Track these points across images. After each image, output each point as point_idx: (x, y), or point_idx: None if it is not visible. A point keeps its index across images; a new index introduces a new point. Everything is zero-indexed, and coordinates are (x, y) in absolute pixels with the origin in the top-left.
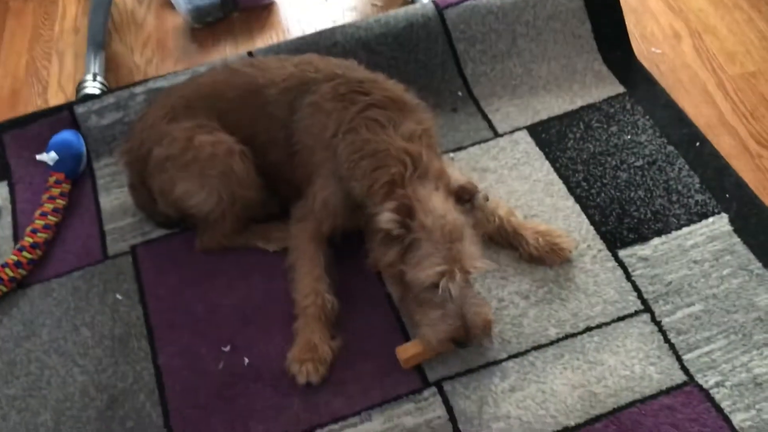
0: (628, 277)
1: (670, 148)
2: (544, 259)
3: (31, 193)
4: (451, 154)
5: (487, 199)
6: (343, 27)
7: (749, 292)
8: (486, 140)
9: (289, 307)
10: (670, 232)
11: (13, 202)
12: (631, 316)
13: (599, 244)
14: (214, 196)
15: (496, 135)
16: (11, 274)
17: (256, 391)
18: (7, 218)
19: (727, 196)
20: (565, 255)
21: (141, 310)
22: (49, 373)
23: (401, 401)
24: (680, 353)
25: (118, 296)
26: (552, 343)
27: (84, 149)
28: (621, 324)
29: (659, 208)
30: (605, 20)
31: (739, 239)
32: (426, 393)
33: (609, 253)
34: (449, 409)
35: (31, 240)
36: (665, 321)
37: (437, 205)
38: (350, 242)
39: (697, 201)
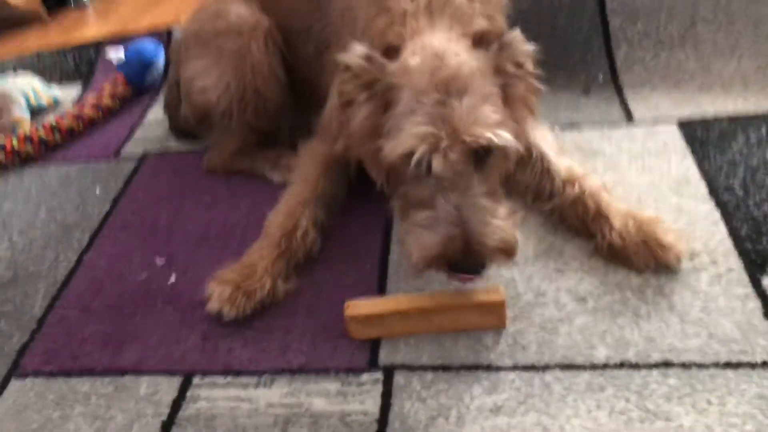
0: None
1: None
2: (631, 255)
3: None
4: (557, 127)
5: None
6: None
7: None
8: (613, 124)
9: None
10: None
11: (76, 100)
12: (752, 366)
13: (732, 263)
14: (225, 80)
15: (629, 121)
16: (16, 146)
17: (159, 314)
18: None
19: None
20: (666, 257)
21: (107, 208)
22: None
23: (326, 376)
24: None
25: (97, 190)
26: (594, 367)
27: (159, 62)
28: (728, 373)
29: None
30: None
31: None
32: (365, 377)
33: (745, 277)
34: (385, 407)
35: (53, 122)
36: None
37: (435, 42)
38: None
39: None
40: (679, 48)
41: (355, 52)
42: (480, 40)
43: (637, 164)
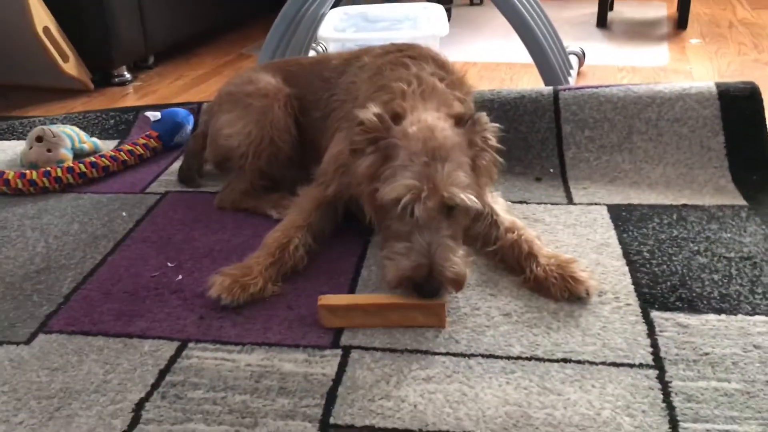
0: (651, 334)
1: None
2: (551, 287)
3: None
4: (509, 202)
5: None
6: None
7: None
8: (555, 203)
9: None
10: (734, 314)
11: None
12: (630, 366)
13: (631, 300)
14: (247, 129)
15: (570, 203)
16: (59, 173)
17: (165, 299)
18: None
19: None
20: (578, 289)
21: (131, 226)
22: (21, 239)
23: (296, 349)
24: (678, 419)
25: (124, 213)
26: (509, 358)
27: (187, 126)
28: (612, 369)
29: (732, 293)
30: (744, 137)
31: None
32: (328, 352)
33: (638, 310)
34: (340, 372)
35: (93, 159)
36: (677, 384)
37: (429, 118)
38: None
39: None
40: (617, 152)
41: (371, 111)
42: (459, 121)
43: (569, 231)
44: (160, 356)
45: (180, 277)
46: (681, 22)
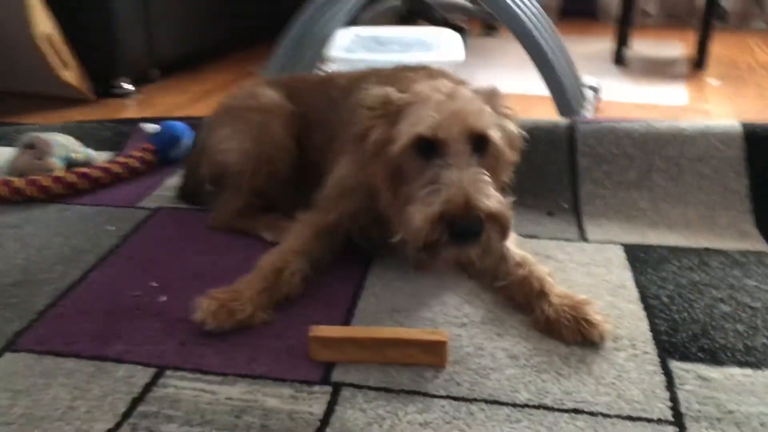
0: (670, 386)
1: None
2: (562, 329)
3: None
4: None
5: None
6: None
7: None
8: (568, 240)
9: None
10: (761, 369)
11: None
12: (648, 420)
13: (649, 348)
14: (245, 145)
15: (584, 240)
16: (47, 183)
17: (146, 321)
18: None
19: None
20: (591, 334)
21: (117, 242)
22: (0, 250)
23: (282, 383)
24: None
25: (111, 228)
26: (514, 405)
27: (186, 141)
28: (628, 423)
29: (758, 346)
30: None
31: None
32: (316, 388)
33: (657, 359)
34: (328, 412)
35: (85, 169)
36: None
37: (436, 81)
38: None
39: None
40: (635, 190)
41: (374, 91)
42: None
43: (582, 270)
44: (135, 383)
45: (164, 298)
46: (699, 62)
